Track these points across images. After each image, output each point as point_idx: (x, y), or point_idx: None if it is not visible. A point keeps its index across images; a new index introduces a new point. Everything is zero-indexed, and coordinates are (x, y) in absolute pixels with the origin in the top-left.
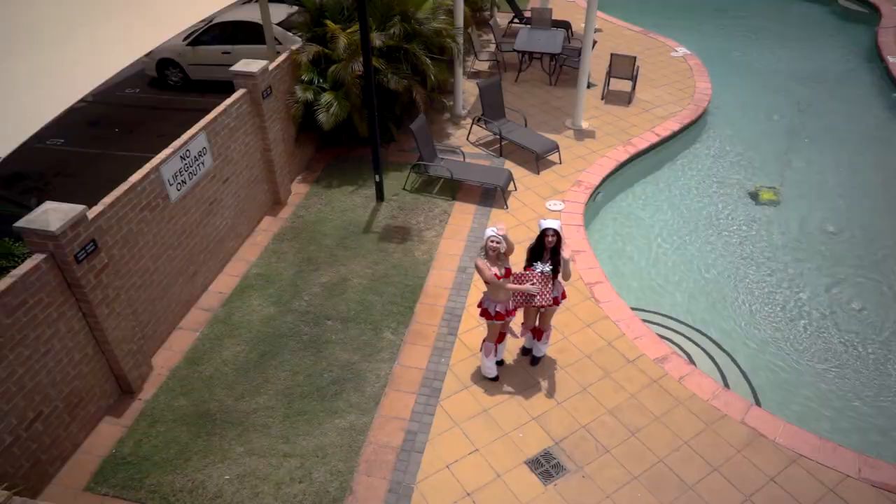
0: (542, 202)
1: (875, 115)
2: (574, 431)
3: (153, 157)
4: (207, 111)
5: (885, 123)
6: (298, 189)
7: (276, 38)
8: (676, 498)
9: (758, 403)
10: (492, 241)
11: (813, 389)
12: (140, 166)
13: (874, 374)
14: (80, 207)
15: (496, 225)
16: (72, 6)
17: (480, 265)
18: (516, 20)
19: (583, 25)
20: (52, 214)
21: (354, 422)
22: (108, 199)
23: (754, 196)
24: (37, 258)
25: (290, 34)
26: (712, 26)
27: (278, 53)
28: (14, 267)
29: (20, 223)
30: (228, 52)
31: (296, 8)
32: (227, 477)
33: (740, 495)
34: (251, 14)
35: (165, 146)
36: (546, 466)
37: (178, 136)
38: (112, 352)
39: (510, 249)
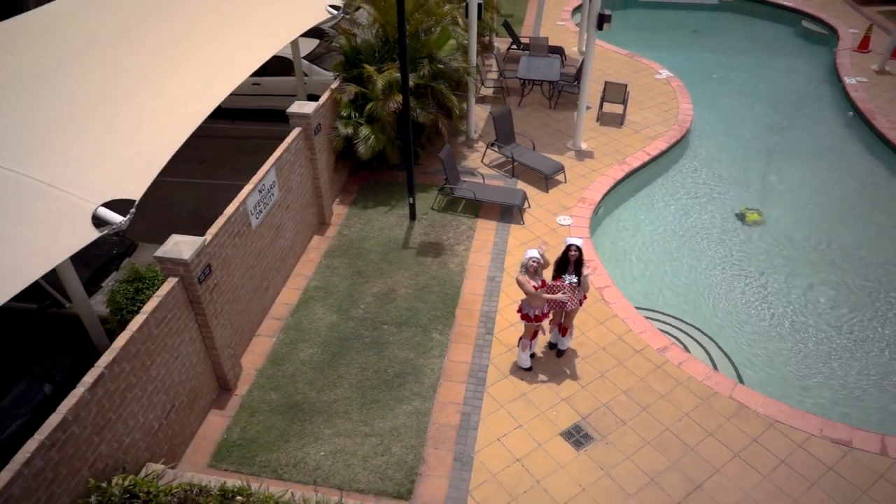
0: (553, 217)
1: (834, 131)
2: (597, 408)
3: (197, 182)
4: (239, 138)
5: (842, 139)
6: (339, 210)
7: (303, 72)
8: (681, 457)
9: (741, 382)
10: (532, 262)
11: (786, 369)
12: (187, 190)
13: (834, 356)
14: (200, 239)
15: (538, 245)
16: (147, 59)
17: (522, 280)
18: (514, 46)
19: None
20: (183, 246)
21: (418, 407)
22: (213, 230)
23: (741, 217)
24: (171, 281)
25: (316, 67)
26: (689, 47)
27: (305, 84)
28: (146, 288)
29: (158, 253)
30: (258, 84)
31: (318, 41)
32: (322, 453)
33: (730, 453)
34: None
35: (206, 171)
36: (577, 437)
37: (217, 161)
38: (217, 355)
39: (546, 265)
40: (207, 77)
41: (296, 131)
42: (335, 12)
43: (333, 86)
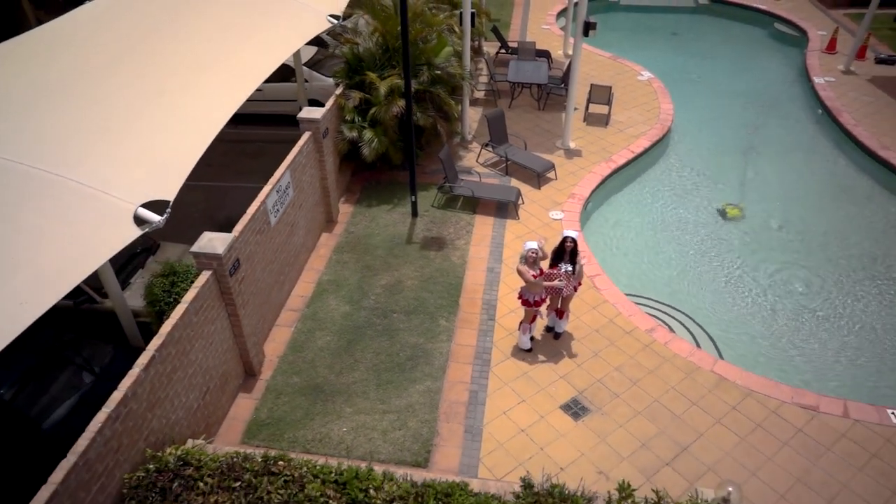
0: (546, 212)
1: (805, 128)
2: (592, 384)
3: (205, 184)
4: (243, 142)
5: (813, 136)
6: (345, 209)
7: (304, 78)
8: (668, 424)
9: (721, 358)
10: (531, 253)
11: (761, 346)
12: (196, 192)
13: (805, 335)
14: (231, 235)
15: (537, 239)
16: (166, 72)
17: (522, 269)
18: (503, 50)
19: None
20: (216, 241)
21: (430, 386)
22: (238, 227)
23: (722, 213)
24: (205, 274)
25: (316, 73)
26: (669, 50)
27: (305, 89)
28: (181, 281)
29: (194, 248)
30: (260, 90)
31: (317, 48)
32: (345, 429)
33: (712, 419)
34: None
35: (214, 174)
36: (575, 409)
37: (223, 164)
38: (244, 342)
39: (544, 256)
40: (223, 86)
41: (306, 135)
42: (335, 21)
43: (338, 91)
